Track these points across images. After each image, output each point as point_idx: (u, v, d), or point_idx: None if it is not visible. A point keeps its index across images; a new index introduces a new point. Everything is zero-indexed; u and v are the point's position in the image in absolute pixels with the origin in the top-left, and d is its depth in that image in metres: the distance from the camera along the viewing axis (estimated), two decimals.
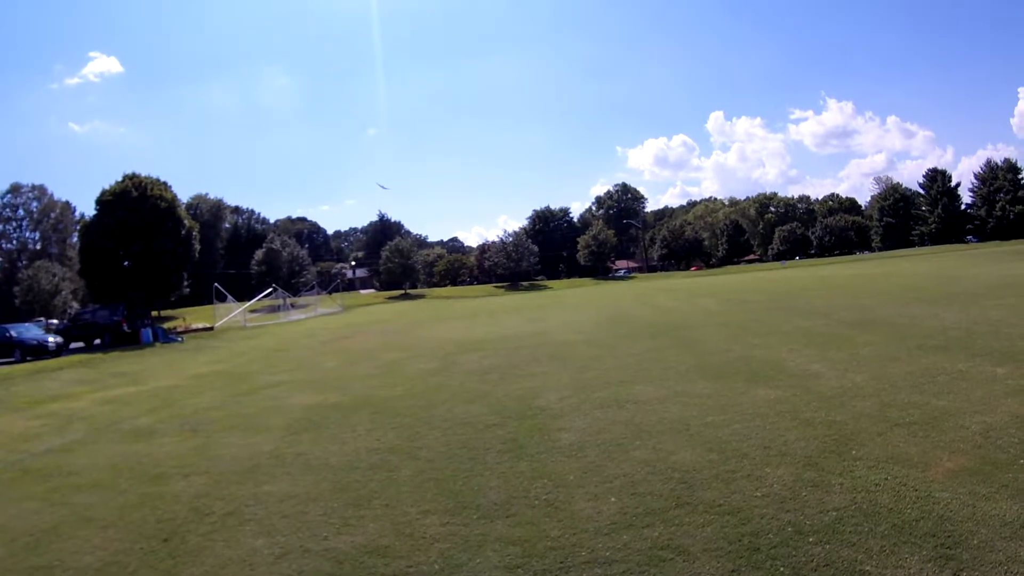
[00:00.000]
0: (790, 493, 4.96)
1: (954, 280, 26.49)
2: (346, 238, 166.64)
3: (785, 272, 63.02)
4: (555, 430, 7.54)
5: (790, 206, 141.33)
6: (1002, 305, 15.84)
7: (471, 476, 6.12)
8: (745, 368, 10.51)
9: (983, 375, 8.37)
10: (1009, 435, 5.82)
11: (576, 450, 6.62)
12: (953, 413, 6.72)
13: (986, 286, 21.91)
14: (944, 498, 4.59)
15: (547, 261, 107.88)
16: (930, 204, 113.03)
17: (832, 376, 9.22)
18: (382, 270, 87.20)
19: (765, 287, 35.30)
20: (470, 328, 25.37)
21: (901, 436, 6.12)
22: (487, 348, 17.23)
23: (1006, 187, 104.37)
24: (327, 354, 20.21)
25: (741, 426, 6.99)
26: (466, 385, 11.51)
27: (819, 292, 27.22)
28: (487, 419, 8.49)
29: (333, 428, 8.96)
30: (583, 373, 11.46)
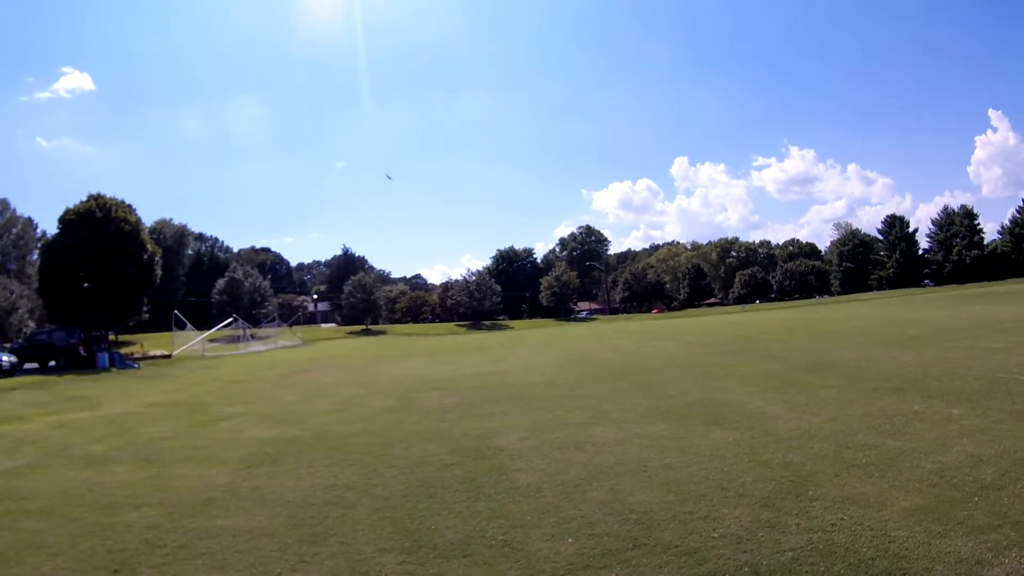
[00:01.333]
0: (747, 534, 5.07)
1: (911, 323, 27.75)
2: (309, 271, 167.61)
3: (745, 316, 64.85)
4: (513, 470, 7.66)
5: (751, 251, 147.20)
6: (957, 347, 16.68)
7: (428, 515, 6.16)
8: (704, 410, 10.77)
9: (938, 416, 8.77)
10: (964, 474, 6.09)
11: (534, 491, 6.71)
12: (909, 453, 7.00)
13: (942, 329, 23.01)
14: (900, 536, 4.76)
15: (509, 301, 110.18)
16: (888, 249, 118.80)
17: (790, 418, 9.51)
18: (344, 305, 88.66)
19: (725, 330, 36.57)
20: (431, 366, 25.74)
21: (857, 476, 6.34)
22: (447, 387, 17.46)
23: (963, 232, 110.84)
24: (286, 387, 20.34)
25: (699, 468, 7.14)
26: (425, 423, 11.65)
27: (778, 336, 28.20)
28: (445, 458, 8.59)
29: (290, 463, 8.98)
30: (543, 414, 11.68)
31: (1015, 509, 5.10)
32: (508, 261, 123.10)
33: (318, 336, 67.76)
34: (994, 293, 53.29)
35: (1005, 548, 4.41)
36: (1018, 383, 10.59)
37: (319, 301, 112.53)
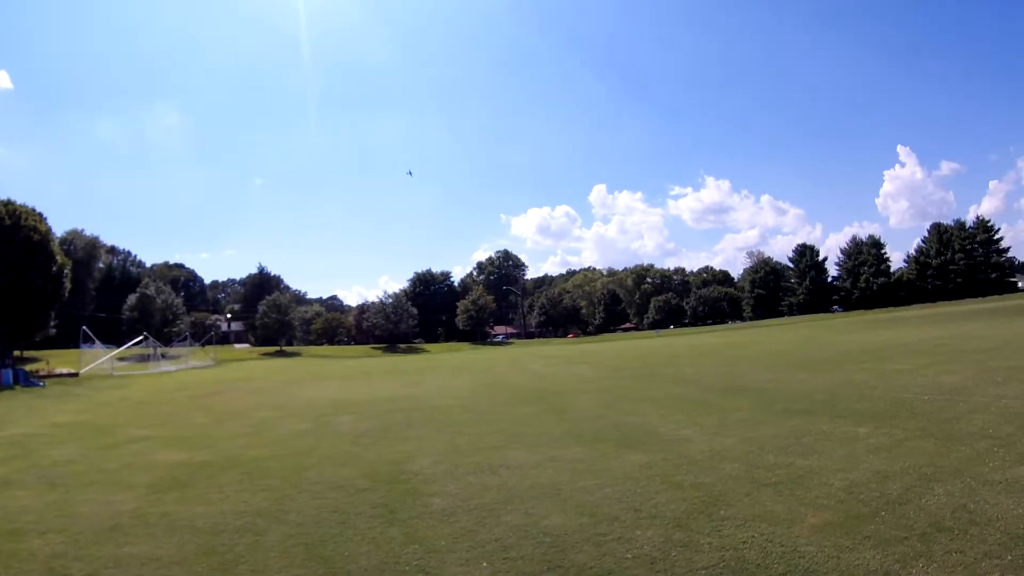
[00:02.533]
0: (660, 554, 5.17)
1: (820, 347, 29.40)
2: (223, 289, 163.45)
3: (659, 340, 67.04)
4: (427, 495, 7.67)
5: (666, 277, 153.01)
6: (864, 369, 17.76)
7: (341, 541, 6.10)
8: (617, 433, 10.98)
9: (846, 435, 9.22)
10: (871, 490, 6.40)
11: (448, 515, 6.74)
12: (817, 471, 7.31)
13: (849, 352, 24.45)
14: (810, 552, 4.94)
15: (426, 324, 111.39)
16: (799, 277, 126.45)
17: (702, 440, 9.78)
18: (258, 325, 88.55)
19: (640, 355, 37.75)
20: (345, 389, 25.80)
21: (768, 495, 6.55)
22: (361, 410, 17.44)
23: (870, 261, 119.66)
24: (197, 409, 20.00)
25: (612, 490, 7.24)
26: (338, 448, 11.59)
27: (691, 360, 29.28)
28: (358, 483, 8.54)
29: (200, 488, 8.78)
30: (457, 438, 11.78)
31: (920, 522, 5.38)
32: (425, 284, 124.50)
33: (231, 357, 67.02)
34: (899, 318, 57.08)
35: (912, 559, 4.66)
36: (922, 403, 11.28)
37: (233, 321, 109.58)
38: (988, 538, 4.91)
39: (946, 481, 6.43)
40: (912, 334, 31.57)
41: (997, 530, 5.04)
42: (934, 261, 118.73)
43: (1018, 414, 9.43)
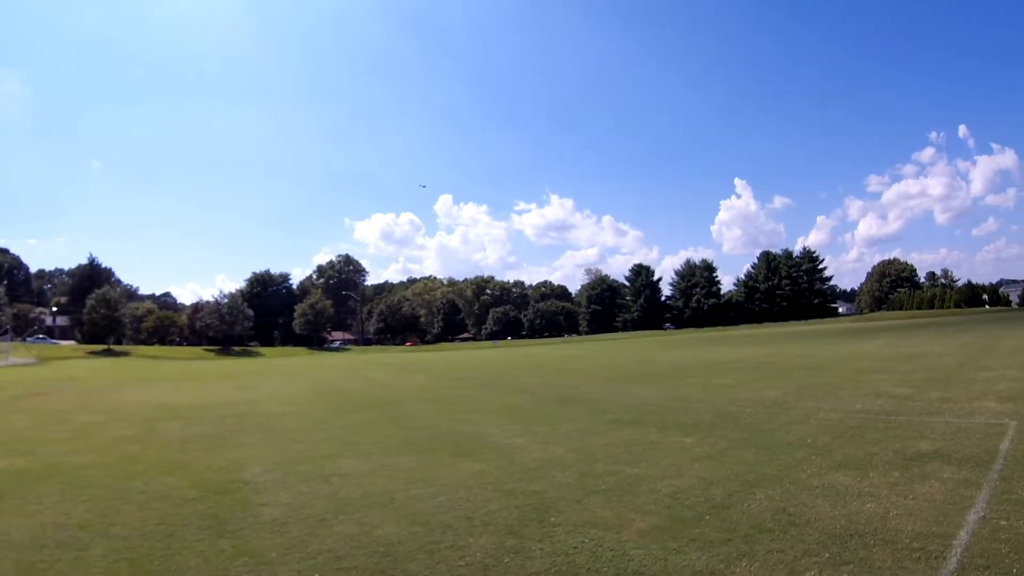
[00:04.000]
0: (493, 560, 5.25)
1: (652, 362, 31.33)
2: (50, 279, 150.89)
3: (497, 351, 68.74)
4: (258, 504, 7.50)
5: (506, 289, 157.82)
6: (692, 383, 19.03)
7: (168, 555, 5.88)
8: (452, 442, 11.15)
9: (673, 444, 9.77)
10: (696, 495, 6.79)
11: (279, 526, 6.61)
12: (646, 479, 7.67)
13: (679, 367, 26.23)
14: (638, 555, 5.16)
15: (262, 327, 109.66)
16: (634, 295, 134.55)
17: (534, 449, 10.01)
18: (86, 321, 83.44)
19: (477, 365, 38.70)
20: (175, 393, 25.09)
21: (598, 502, 6.78)
22: (192, 415, 16.93)
23: (702, 283, 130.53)
24: (16, 412, 18.89)
25: (446, 498, 7.29)
26: (166, 455, 11.15)
27: (527, 371, 30.27)
28: (187, 492, 8.25)
29: (17, 499, 8.23)
30: (290, 445, 11.63)
31: (743, 524, 5.76)
32: (263, 285, 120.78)
33: (55, 354, 63.64)
34: (728, 337, 61.99)
35: (735, 559, 4.98)
36: (745, 415, 12.19)
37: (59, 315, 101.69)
38: (807, 538, 5.33)
39: (767, 487, 6.94)
40: (739, 352, 34.33)
41: (815, 530, 5.49)
42: (762, 286, 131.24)
43: (834, 426, 10.38)
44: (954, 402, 12.04)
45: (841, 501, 6.24)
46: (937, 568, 4.60)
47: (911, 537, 5.21)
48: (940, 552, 4.87)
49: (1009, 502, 5.92)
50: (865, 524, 5.57)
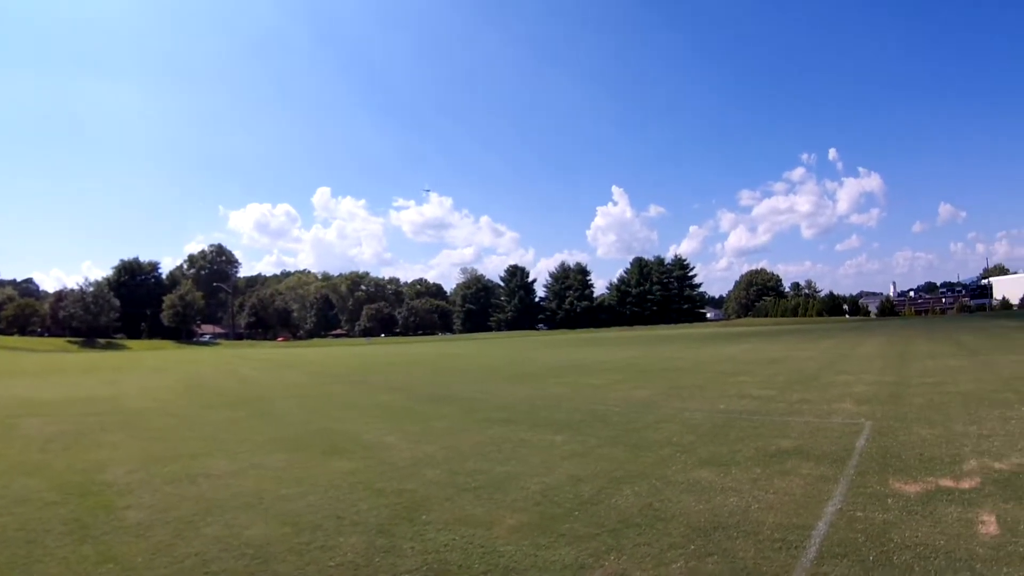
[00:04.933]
0: (364, 560, 5.17)
1: (524, 362, 31.76)
2: None
3: (370, 348, 68.50)
4: (122, 508, 7.17)
5: (381, 286, 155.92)
6: (563, 383, 19.41)
7: (29, 563, 5.58)
8: (322, 440, 10.94)
9: (543, 442, 9.88)
10: (565, 492, 6.87)
11: (145, 529, 6.35)
12: (516, 476, 7.71)
13: (550, 367, 26.71)
14: (508, 551, 5.17)
15: (129, 318, 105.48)
16: (509, 295, 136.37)
17: (405, 447, 9.89)
18: None
19: (350, 362, 38.34)
20: (36, 387, 24.35)
21: (468, 500, 6.76)
22: (53, 412, 16.14)
23: (575, 286, 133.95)
24: None
25: (316, 498, 7.14)
26: (25, 455, 10.56)
27: (400, 369, 30.28)
28: (47, 496, 7.84)
29: None
30: (155, 444, 11.19)
31: (611, 519, 5.86)
32: (131, 274, 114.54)
33: None
34: (599, 338, 63.86)
35: (604, 553, 5.06)
36: (614, 413, 12.49)
37: None
38: (672, 531, 5.48)
39: (634, 483, 7.10)
40: (609, 353, 35.34)
41: (681, 524, 5.65)
42: (634, 290, 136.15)
43: (700, 425, 10.78)
44: (814, 403, 12.72)
45: (705, 496, 6.46)
46: (797, 557, 4.82)
47: (772, 528, 5.44)
48: (800, 542, 5.11)
49: (864, 495, 6.30)
50: (728, 517, 5.78)
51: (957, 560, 4.66)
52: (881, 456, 7.95)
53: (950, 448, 8.21)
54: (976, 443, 8.43)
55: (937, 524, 5.41)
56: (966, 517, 5.57)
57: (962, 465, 7.34)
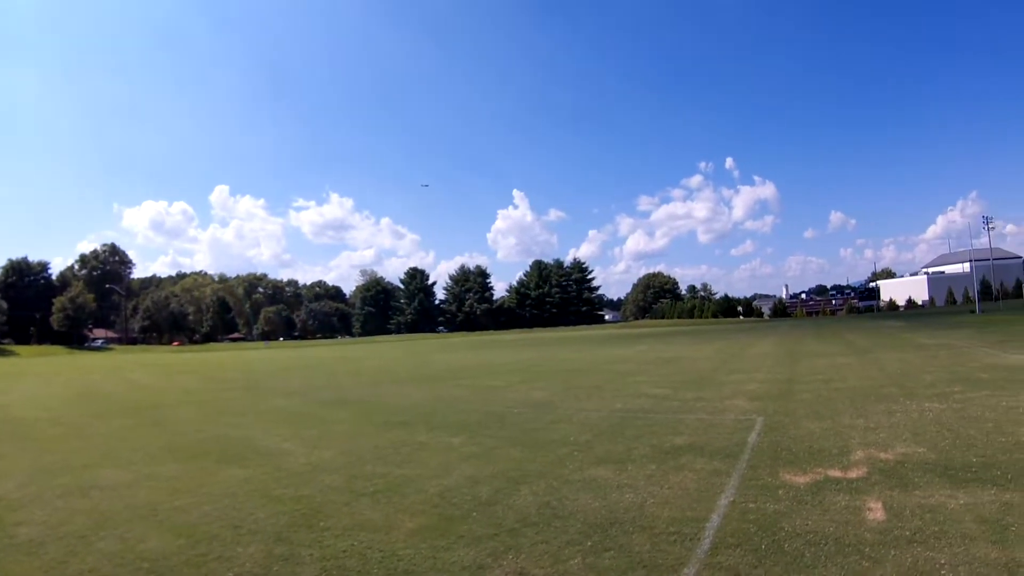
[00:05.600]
0: (262, 570, 5.05)
1: (423, 365, 31.70)
2: None
3: (268, 352, 67.03)
4: (12, 524, 6.81)
5: (279, 288, 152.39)
6: (462, 385, 19.46)
7: None
8: (218, 448, 10.66)
9: (441, 445, 9.85)
10: (463, 494, 6.86)
11: (36, 546, 6.04)
12: (414, 479, 7.66)
13: (450, 370, 26.81)
14: (408, 554, 5.13)
15: (17, 322, 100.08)
16: (408, 298, 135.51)
17: (302, 453, 9.68)
18: None
19: (247, 367, 37.73)
20: None
21: (366, 504, 6.67)
22: None
23: (475, 288, 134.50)
24: None
25: (212, 507, 6.91)
26: None
27: (299, 373, 29.87)
28: None
29: None
30: (46, 456, 10.72)
31: (509, 519, 5.89)
32: (19, 274, 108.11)
33: None
34: (499, 341, 64.31)
35: (502, 552, 5.08)
36: (512, 415, 12.57)
37: None
38: (570, 528, 5.55)
39: (532, 483, 7.15)
40: (509, 355, 35.63)
41: (578, 521, 5.73)
42: (533, 293, 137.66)
43: (596, 424, 10.95)
44: (707, 401, 13.11)
45: (602, 493, 6.56)
46: (692, 548, 4.97)
47: (667, 522, 5.58)
48: (694, 534, 5.26)
49: (756, 488, 6.54)
50: (624, 513, 5.90)
51: (846, 545, 4.88)
52: (772, 450, 8.26)
53: (838, 440, 8.61)
54: (863, 435, 8.87)
55: (826, 512, 5.67)
56: (854, 505, 5.86)
57: (849, 456, 7.71)
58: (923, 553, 4.67)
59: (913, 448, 7.98)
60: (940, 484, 6.37)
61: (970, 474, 6.68)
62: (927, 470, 6.91)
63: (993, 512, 5.48)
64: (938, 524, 5.23)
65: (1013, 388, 12.40)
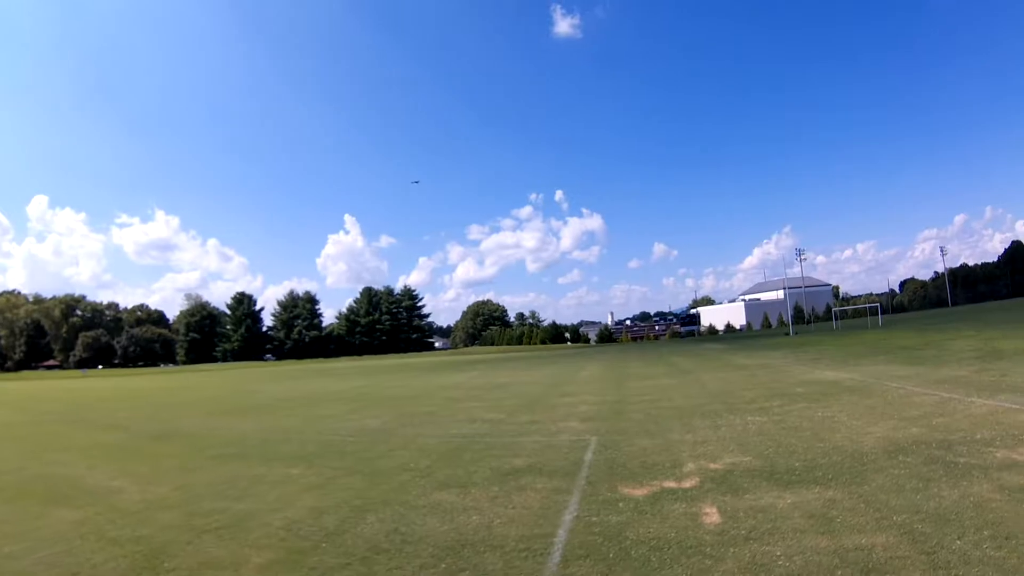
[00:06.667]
0: None
1: (253, 394, 30.08)
2: None
3: (87, 381, 60.73)
4: None
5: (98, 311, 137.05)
6: (295, 415, 18.63)
7: None
8: (43, 487, 9.69)
9: (279, 476, 9.39)
10: (308, 526, 6.60)
11: None
12: (256, 513, 7.26)
13: (280, 399, 25.52)
14: None
15: None
16: (235, 324, 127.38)
17: (135, 490, 8.91)
18: None
19: (65, 397, 35.21)
20: None
21: (210, 541, 6.24)
22: None
23: (304, 315, 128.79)
24: None
25: (45, 553, 6.22)
26: None
27: (122, 404, 27.41)
28: None
29: None
30: None
31: (359, 548, 5.75)
32: None
33: None
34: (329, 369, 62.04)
35: None
36: (348, 443, 12.21)
37: None
38: (422, 553, 5.51)
39: (377, 510, 7.00)
40: (340, 383, 34.44)
41: (429, 545, 5.70)
42: (363, 320, 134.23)
43: (434, 449, 10.84)
44: (542, 423, 13.22)
45: (448, 517, 6.54)
46: (543, 563, 5.08)
47: (516, 540, 5.66)
48: (544, 549, 5.38)
49: (597, 502, 6.73)
50: (473, 534, 5.91)
51: (688, 548, 5.17)
52: (608, 466, 8.51)
53: (669, 455, 8.96)
54: (692, 449, 9.28)
55: (666, 520, 5.94)
56: (691, 511, 6.17)
57: (682, 468, 8.07)
58: (759, 548, 5.03)
59: (740, 457, 8.44)
60: (768, 487, 6.81)
61: (794, 477, 7.18)
62: (755, 476, 7.35)
63: (819, 508, 5.95)
64: (770, 522, 5.63)
65: (827, 400, 13.21)
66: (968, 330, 32.75)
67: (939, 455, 7.61)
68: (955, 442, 8.23)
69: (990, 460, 7.20)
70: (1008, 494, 5.90)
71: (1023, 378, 13.82)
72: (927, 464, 7.25)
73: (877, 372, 18.16)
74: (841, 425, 10.30)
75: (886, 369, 18.77)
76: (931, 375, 16.09)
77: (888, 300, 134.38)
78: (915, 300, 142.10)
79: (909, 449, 8.06)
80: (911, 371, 17.49)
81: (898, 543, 4.92)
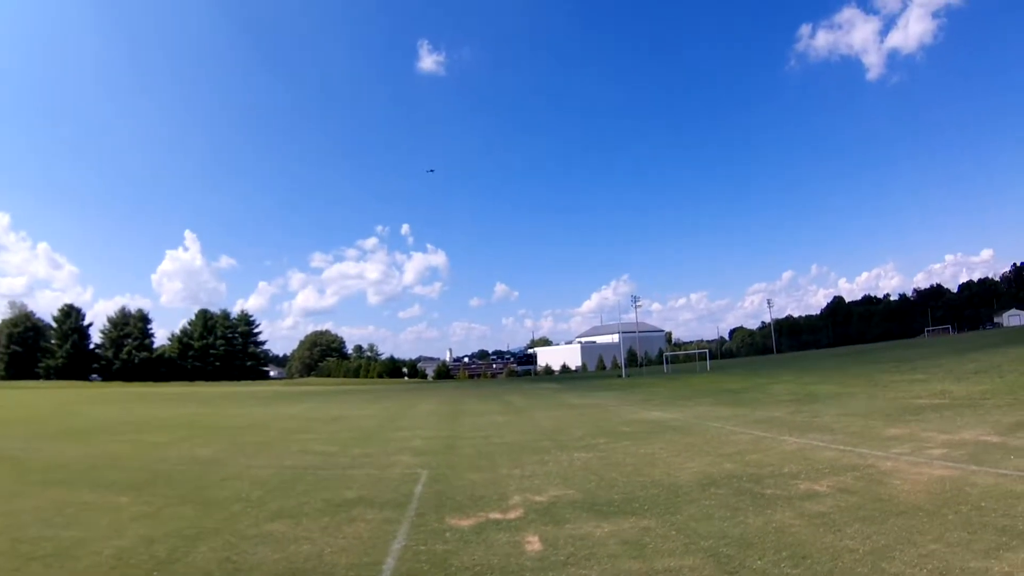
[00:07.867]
0: None
1: (78, 417, 27.43)
2: None
3: None
4: None
5: None
6: (123, 441, 17.30)
7: None
8: None
9: (108, 504, 8.87)
10: (139, 554, 6.35)
11: None
12: (85, 541, 6.86)
13: (109, 424, 23.50)
14: None
15: None
16: (61, 339, 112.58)
17: None
18: None
19: None
20: None
21: (38, 570, 5.89)
22: None
23: (135, 334, 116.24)
24: None
25: None
26: None
27: None
28: None
29: None
30: None
31: None
32: None
33: None
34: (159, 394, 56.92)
35: None
36: (180, 472, 11.65)
37: None
38: None
39: (209, 540, 6.84)
40: (170, 410, 32.00)
41: (261, 573, 5.70)
42: (197, 343, 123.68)
43: (267, 480, 10.56)
44: (375, 457, 13.14)
45: (280, 546, 6.51)
46: None
47: (346, 568, 5.73)
48: None
49: (425, 532, 6.87)
50: (304, 563, 5.94)
51: (510, 573, 5.43)
52: (437, 499, 8.67)
53: (497, 488, 9.21)
54: (519, 482, 9.55)
55: (490, 548, 6.16)
56: (514, 540, 6.41)
57: (508, 500, 8.33)
58: (577, 572, 5.36)
59: (564, 491, 8.77)
60: (588, 518, 7.12)
61: (613, 508, 7.58)
62: (576, 507, 7.67)
63: (633, 535, 6.31)
64: (588, 548, 5.98)
65: (650, 438, 13.83)
66: (788, 375, 35.02)
67: (748, 487, 8.32)
68: (764, 476, 9.04)
69: (794, 491, 7.95)
70: (807, 520, 6.51)
71: (832, 418, 15.17)
72: (736, 495, 7.92)
73: (701, 413, 19.35)
74: (661, 461, 10.92)
75: (710, 410, 20.02)
76: (750, 416, 17.34)
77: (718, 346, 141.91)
78: (743, 347, 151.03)
79: (721, 482, 8.76)
80: (732, 412, 18.76)
81: (704, 564, 5.32)
